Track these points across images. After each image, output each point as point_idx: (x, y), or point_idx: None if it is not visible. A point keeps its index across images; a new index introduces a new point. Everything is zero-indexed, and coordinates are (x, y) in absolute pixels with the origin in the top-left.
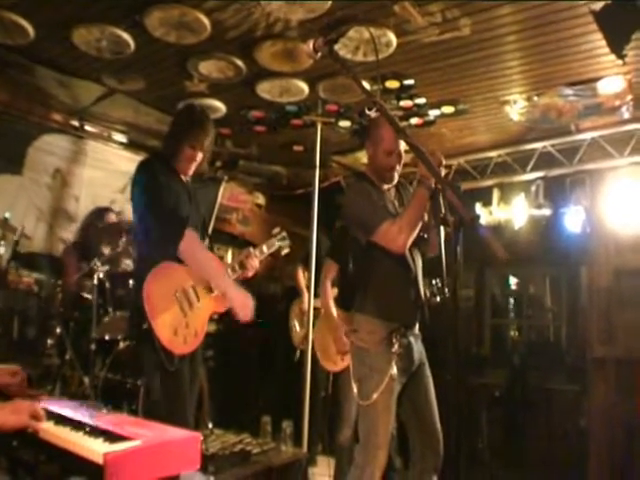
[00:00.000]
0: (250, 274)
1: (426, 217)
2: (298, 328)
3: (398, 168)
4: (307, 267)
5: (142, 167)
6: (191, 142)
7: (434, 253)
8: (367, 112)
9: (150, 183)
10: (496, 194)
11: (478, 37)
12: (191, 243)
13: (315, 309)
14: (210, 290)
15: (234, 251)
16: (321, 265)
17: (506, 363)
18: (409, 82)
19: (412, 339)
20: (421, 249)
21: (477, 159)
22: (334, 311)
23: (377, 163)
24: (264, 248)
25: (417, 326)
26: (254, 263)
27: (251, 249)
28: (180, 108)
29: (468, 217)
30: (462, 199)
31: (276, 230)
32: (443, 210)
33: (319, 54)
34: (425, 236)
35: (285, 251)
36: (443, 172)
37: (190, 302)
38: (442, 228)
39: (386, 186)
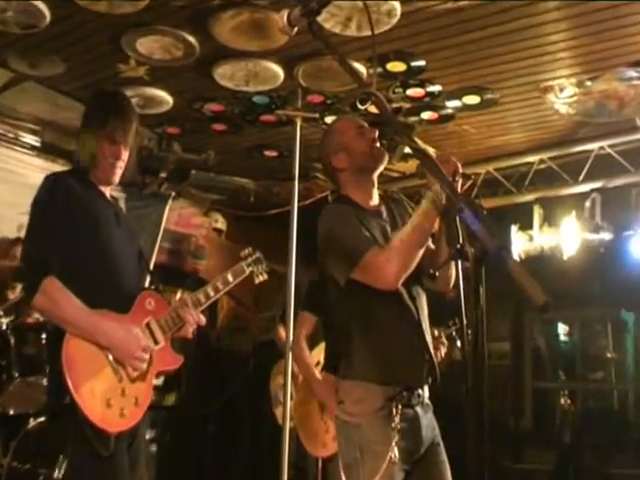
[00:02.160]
0: (190, 331)
1: (431, 243)
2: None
3: (377, 144)
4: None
5: (44, 183)
6: (109, 135)
7: (447, 293)
8: (359, 106)
9: (42, 205)
10: (537, 213)
11: (509, 3)
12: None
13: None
14: (155, 341)
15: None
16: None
17: (554, 441)
18: (418, 64)
19: (419, 409)
20: (425, 286)
21: (511, 166)
22: (317, 373)
23: (360, 164)
24: (229, 277)
25: (426, 391)
26: (192, 317)
27: (186, 296)
28: (91, 95)
29: (493, 248)
30: (485, 222)
31: (246, 251)
32: (460, 237)
33: (296, 28)
34: (432, 272)
35: (261, 278)
36: (460, 184)
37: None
38: (459, 262)
39: (374, 201)
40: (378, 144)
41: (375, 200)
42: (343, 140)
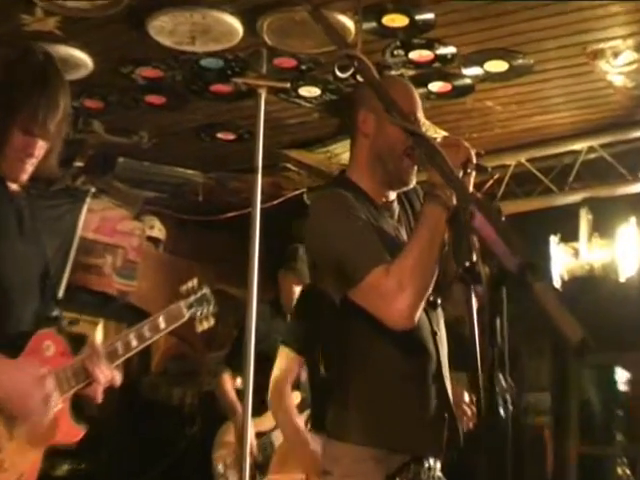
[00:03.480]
0: (98, 392)
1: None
2: (231, 478)
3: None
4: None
5: None
6: (22, 121)
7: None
8: (338, 74)
9: None
10: (585, 219)
11: None
12: None
13: (260, 434)
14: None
15: (108, 328)
16: (270, 355)
17: None
18: (425, 17)
19: None
20: (444, 309)
21: (550, 156)
22: (309, 438)
23: (380, 154)
24: (160, 322)
25: (439, 462)
26: (104, 373)
27: (98, 345)
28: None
29: (514, 267)
30: (504, 231)
31: (188, 285)
32: (470, 253)
33: None
34: (433, 299)
35: (205, 325)
36: (472, 178)
37: (10, 423)
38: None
39: (388, 198)
40: (412, 161)
41: (389, 197)
42: (380, 116)
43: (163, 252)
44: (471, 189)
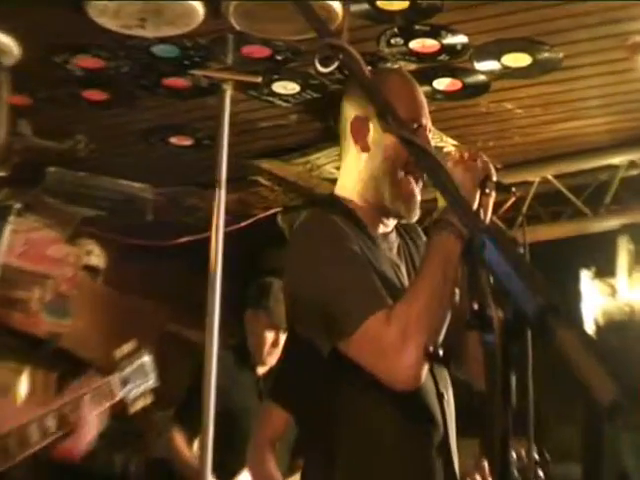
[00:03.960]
0: None
1: (457, 297)
2: None
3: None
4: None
5: None
6: None
7: (474, 380)
8: (319, 68)
9: None
10: (625, 249)
11: None
12: None
13: None
14: None
15: (35, 377)
16: (234, 413)
17: None
18: None
19: None
20: (453, 367)
21: (582, 172)
22: None
23: (377, 172)
24: (83, 407)
25: None
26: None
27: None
28: None
29: (532, 309)
30: (521, 266)
31: (125, 350)
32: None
33: None
34: (432, 350)
35: (141, 404)
36: (491, 200)
37: None
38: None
39: (386, 227)
40: (417, 191)
41: (388, 226)
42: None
43: (103, 284)
44: (489, 213)
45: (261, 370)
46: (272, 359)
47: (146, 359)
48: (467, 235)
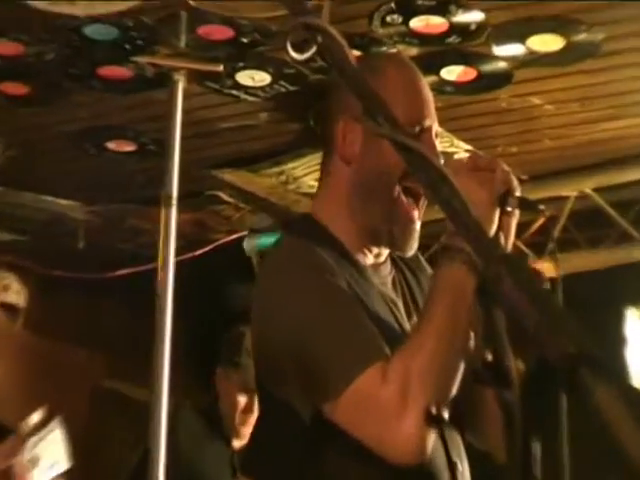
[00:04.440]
0: None
1: (472, 345)
2: None
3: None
4: None
5: None
6: None
7: (494, 449)
8: (292, 54)
9: None
10: None
11: None
12: None
13: None
14: None
15: None
16: None
17: None
18: None
19: None
20: (468, 434)
21: (629, 184)
22: None
23: (366, 189)
24: None
25: None
26: None
27: None
28: None
29: (565, 361)
30: (549, 304)
31: (32, 420)
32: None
33: None
34: (435, 414)
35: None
36: (514, 221)
37: None
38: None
39: (377, 256)
40: (417, 214)
41: (380, 255)
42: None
43: (23, 328)
44: (511, 238)
45: (237, 443)
46: (246, 429)
47: (57, 432)
48: (481, 266)
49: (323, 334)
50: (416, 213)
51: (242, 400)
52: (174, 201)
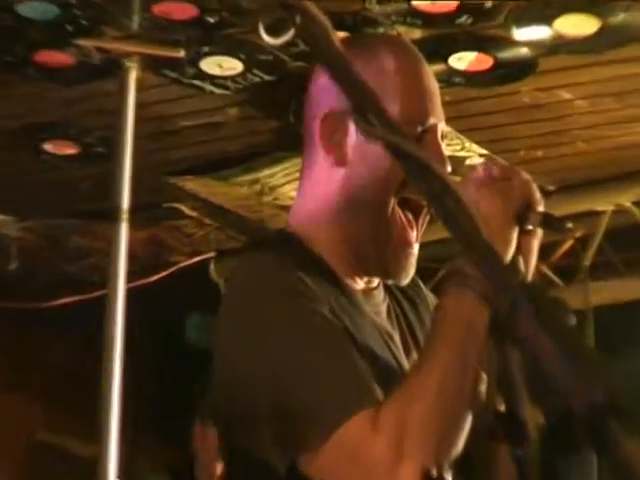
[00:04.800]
0: None
1: (483, 390)
2: None
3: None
4: None
5: None
6: None
7: None
8: (264, 37)
9: None
10: None
11: None
12: None
13: None
14: None
15: None
16: None
17: None
18: None
19: None
20: None
21: None
22: None
23: (356, 197)
24: None
25: None
26: None
27: None
28: None
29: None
30: (574, 342)
31: None
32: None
33: None
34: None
35: None
36: (536, 241)
37: None
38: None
39: (369, 281)
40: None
41: (373, 280)
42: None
43: None
44: (532, 262)
45: None
46: None
47: None
48: (495, 297)
49: (301, 373)
50: (413, 234)
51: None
52: (125, 215)
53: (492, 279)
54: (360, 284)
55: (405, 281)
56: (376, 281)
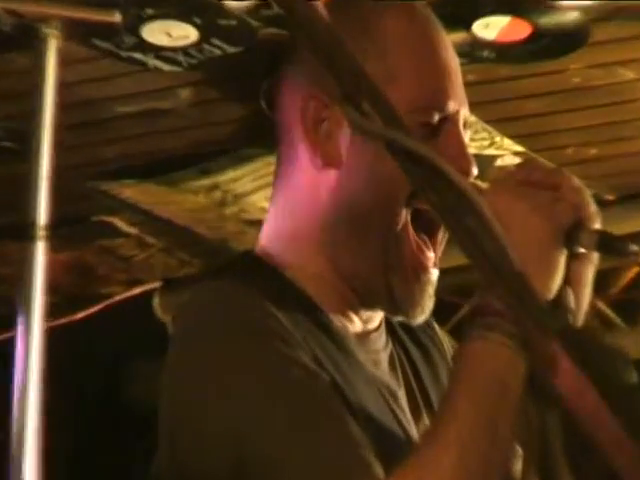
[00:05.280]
0: None
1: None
2: None
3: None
4: None
5: None
6: None
7: None
8: None
9: None
10: None
11: None
12: None
13: None
14: None
15: None
16: None
17: None
18: None
19: None
20: None
21: None
22: None
23: (353, 211)
24: None
25: None
26: None
27: None
28: None
29: None
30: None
31: None
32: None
33: None
34: None
35: None
36: (590, 271)
37: None
38: None
39: (367, 321)
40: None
41: (372, 320)
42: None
43: None
44: (585, 296)
45: None
46: None
47: None
48: (530, 344)
49: (275, 443)
50: (430, 257)
51: None
52: (42, 232)
53: (527, 321)
54: (356, 324)
55: (420, 318)
56: (377, 320)
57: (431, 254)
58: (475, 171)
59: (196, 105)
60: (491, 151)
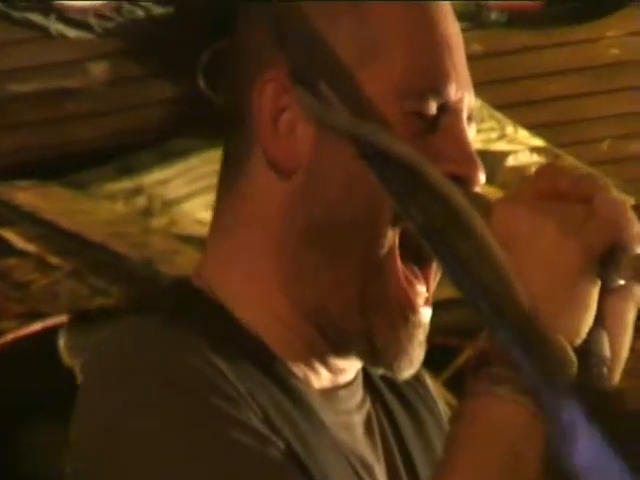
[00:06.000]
0: None
1: None
2: None
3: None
4: None
5: None
6: None
7: None
8: None
9: None
10: None
11: None
12: None
13: None
14: None
15: None
16: None
17: None
18: None
19: None
20: None
21: None
22: None
23: (323, 233)
24: None
25: None
26: None
27: None
28: None
29: None
30: None
31: None
32: None
33: None
34: None
35: None
36: (631, 309)
37: None
38: None
39: (337, 373)
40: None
41: (344, 371)
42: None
43: None
44: (626, 343)
45: None
46: None
47: None
48: (545, 405)
49: None
50: (422, 292)
51: None
52: None
53: (538, 376)
54: (322, 377)
55: (407, 372)
56: (351, 373)
57: (422, 288)
58: (483, 178)
59: (112, 84)
60: (501, 145)
